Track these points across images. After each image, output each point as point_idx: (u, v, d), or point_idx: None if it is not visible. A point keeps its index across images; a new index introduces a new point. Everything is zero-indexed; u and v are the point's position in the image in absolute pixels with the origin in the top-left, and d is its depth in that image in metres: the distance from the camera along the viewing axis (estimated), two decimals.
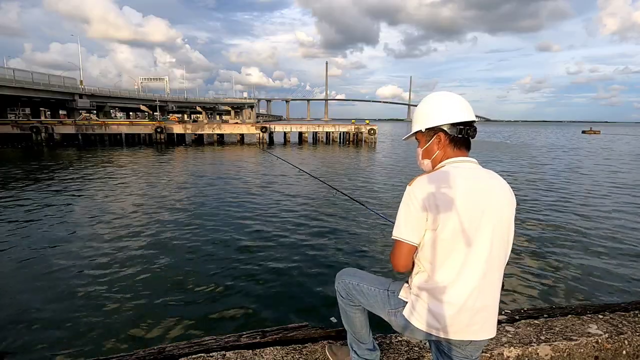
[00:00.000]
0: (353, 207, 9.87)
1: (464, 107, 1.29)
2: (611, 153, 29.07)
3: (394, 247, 1.29)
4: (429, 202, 1.18)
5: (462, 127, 1.27)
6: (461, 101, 1.31)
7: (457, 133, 1.27)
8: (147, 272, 5.87)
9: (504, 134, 68.41)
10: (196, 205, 10.49)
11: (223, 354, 1.81)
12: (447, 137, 1.28)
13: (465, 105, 1.30)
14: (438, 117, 1.29)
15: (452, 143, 1.28)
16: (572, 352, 1.90)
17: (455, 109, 1.28)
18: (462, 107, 1.29)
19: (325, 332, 2.07)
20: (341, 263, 6.18)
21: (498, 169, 18.72)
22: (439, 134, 1.29)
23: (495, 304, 1.26)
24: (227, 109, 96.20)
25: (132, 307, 4.80)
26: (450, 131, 1.27)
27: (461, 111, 1.28)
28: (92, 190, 12.66)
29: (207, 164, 20.65)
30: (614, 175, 16.64)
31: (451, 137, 1.28)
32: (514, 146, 36.82)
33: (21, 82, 34.65)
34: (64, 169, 17.80)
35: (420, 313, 1.26)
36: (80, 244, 7.23)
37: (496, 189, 1.23)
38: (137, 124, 37.45)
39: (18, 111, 54.33)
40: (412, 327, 1.29)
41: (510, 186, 1.29)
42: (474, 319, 1.21)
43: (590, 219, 8.98)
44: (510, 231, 1.26)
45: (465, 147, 1.30)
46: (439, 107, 1.30)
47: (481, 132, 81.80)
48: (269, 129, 35.98)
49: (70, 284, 5.44)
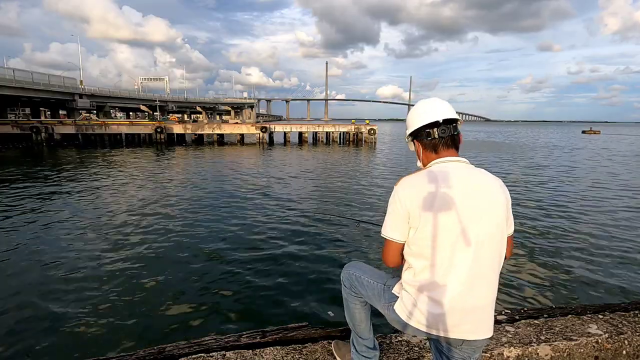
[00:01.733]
0: (355, 209, 9.87)
1: (429, 110, 1.32)
2: (612, 152, 29.08)
3: (383, 245, 1.34)
4: (411, 201, 1.22)
5: (428, 130, 1.30)
6: (429, 104, 1.34)
7: (425, 137, 1.31)
8: (147, 272, 5.87)
9: (505, 134, 68.41)
10: (197, 205, 10.48)
11: (223, 354, 1.81)
12: (421, 144, 1.34)
13: (430, 107, 1.32)
14: (409, 127, 1.38)
15: (429, 148, 1.32)
16: (572, 352, 1.90)
17: (420, 116, 1.33)
18: (427, 110, 1.32)
19: (325, 332, 2.08)
20: (341, 264, 6.19)
21: (502, 167, 18.74)
22: (414, 141, 1.38)
23: (488, 305, 1.24)
24: (227, 109, 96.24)
25: (132, 307, 4.80)
26: (421, 137, 1.33)
27: (424, 114, 1.32)
28: (92, 191, 12.66)
29: (207, 164, 20.65)
30: (618, 176, 16.64)
31: (424, 143, 1.33)
32: (514, 146, 36.83)
33: (21, 82, 34.65)
34: (64, 170, 17.80)
35: (409, 309, 1.29)
36: (80, 243, 7.23)
37: (484, 186, 1.22)
38: (137, 124, 37.45)
39: (18, 111, 54.33)
40: (402, 322, 1.32)
41: (502, 182, 1.28)
42: (465, 319, 1.21)
43: (590, 219, 8.98)
44: (502, 229, 1.24)
45: (448, 147, 1.30)
46: (410, 117, 1.38)
47: (480, 131, 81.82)
48: (269, 129, 35.99)
49: (69, 284, 5.45)
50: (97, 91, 49.87)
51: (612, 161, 23.10)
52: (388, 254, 1.33)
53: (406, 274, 1.32)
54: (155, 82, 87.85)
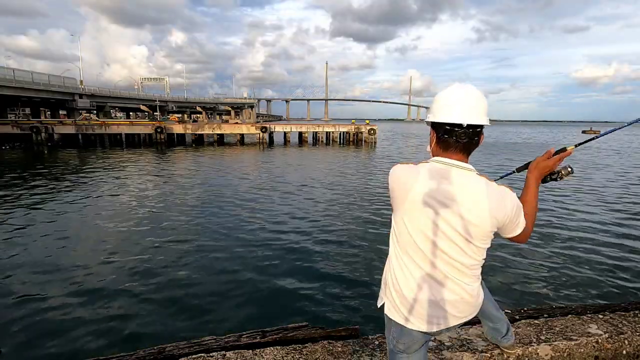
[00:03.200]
0: (358, 208, 9.87)
1: (458, 107, 1.18)
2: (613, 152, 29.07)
3: None
4: (392, 187, 1.27)
5: (448, 128, 1.19)
6: (462, 99, 1.19)
7: (443, 133, 1.21)
8: (146, 272, 5.87)
9: (512, 134, 68.35)
10: (197, 205, 10.49)
11: (223, 354, 1.81)
12: (436, 136, 1.25)
13: (461, 104, 1.19)
14: (433, 114, 1.26)
15: (440, 143, 1.24)
16: (572, 352, 1.90)
17: (447, 108, 1.20)
18: (456, 105, 1.19)
19: (325, 332, 2.08)
20: (343, 263, 6.19)
21: None
22: (432, 130, 1.28)
23: (446, 301, 1.24)
24: (227, 109, 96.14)
25: (132, 307, 4.81)
26: (439, 131, 1.23)
27: (452, 108, 1.19)
28: (92, 191, 12.66)
29: (208, 165, 20.65)
30: (626, 174, 16.64)
31: (437, 137, 1.24)
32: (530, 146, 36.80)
33: (21, 82, 34.65)
34: (65, 171, 17.79)
35: (386, 297, 1.34)
36: (81, 242, 7.23)
37: (464, 198, 1.16)
38: (137, 124, 37.46)
39: (18, 111, 54.33)
40: (391, 324, 1.33)
41: (504, 195, 1.18)
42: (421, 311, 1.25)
43: (591, 218, 8.98)
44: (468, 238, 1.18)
45: (457, 151, 1.21)
46: (438, 103, 1.24)
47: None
48: (269, 129, 35.98)
49: (68, 284, 5.45)
50: (97, 91, 49.86)
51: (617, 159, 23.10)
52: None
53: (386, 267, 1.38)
54: (155, 82, 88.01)
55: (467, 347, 1.83)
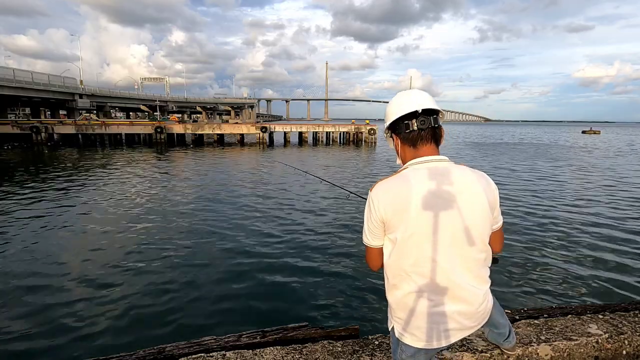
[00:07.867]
0: (358, 208, 9.87)
1: (407, 100, 1.23)
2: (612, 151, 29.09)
3: (365, 251, 1.32)
4: (384, 208, 1.17)
5: (407, 122, 1.21)
6: (407, 95, 1.25)
7: (404, 130, 1.22)
8: (146, 272, 5.88)
9: (510, 134, 68.37)
10: (197, 205, 10.48)
11: (223, 354, 1.81)
12: (400, 137, 1.25)
13: (408, 98, 1.24)
14: (387, 119, 1.29)
15: (408, 142, 1.23)
16: (572, 352, 1.90)
17: (398, 107, 1.24)
18: (405, 100, 1.24)
19: (325, 332, 2.08)
20: (343, 263, 6.19)
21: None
22: (393, 135, 1.30)
23: (458, 313, 1.21)
24: (227, 109, 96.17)
25: (132, 307, 4.80)
26: (399, 130, 1.24)
27: (402, 105, 1.23)
28: (92, 191, 12.66)
29: (208, 165, 20.65)
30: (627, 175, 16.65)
31: (403, 137, 1.24)
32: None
33: (21, 82, 34.65)
34: (65, 172, 17.79)
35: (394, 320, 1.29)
36: (78, 242, 7.23)
37: (461, 188, 1.17)
38: (137, 124, 37.43)
39: (18, 111, 54.36)
40: (401, 344, 1.29)
41: (488, 178, 1.23)
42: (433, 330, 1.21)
43: (591, 219, 8.98)
44: (478, 230, 1.19)
45: (427, 142, 1.22)
46: (388, 110, 1.29)
47: (479, 133, 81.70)
48: (269, 129, 35.98)
49: (68, 284, 5.45)
50: (97, 91, 49.86)
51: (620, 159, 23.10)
52: (371, 259, 1.30)
53: (387, 294, 1.30)
54: (155, 82, 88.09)
55: (467, 347, 1.83)
